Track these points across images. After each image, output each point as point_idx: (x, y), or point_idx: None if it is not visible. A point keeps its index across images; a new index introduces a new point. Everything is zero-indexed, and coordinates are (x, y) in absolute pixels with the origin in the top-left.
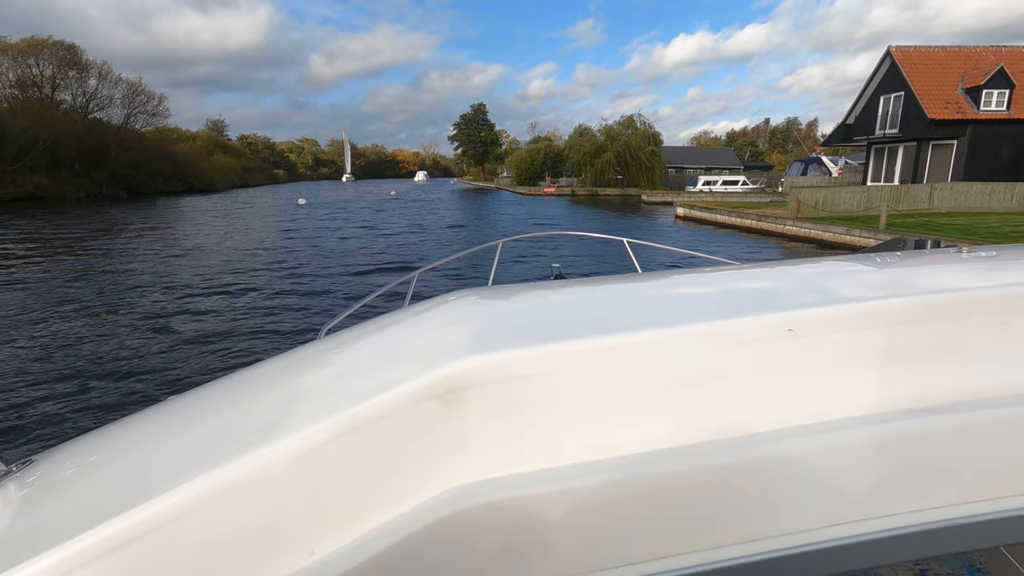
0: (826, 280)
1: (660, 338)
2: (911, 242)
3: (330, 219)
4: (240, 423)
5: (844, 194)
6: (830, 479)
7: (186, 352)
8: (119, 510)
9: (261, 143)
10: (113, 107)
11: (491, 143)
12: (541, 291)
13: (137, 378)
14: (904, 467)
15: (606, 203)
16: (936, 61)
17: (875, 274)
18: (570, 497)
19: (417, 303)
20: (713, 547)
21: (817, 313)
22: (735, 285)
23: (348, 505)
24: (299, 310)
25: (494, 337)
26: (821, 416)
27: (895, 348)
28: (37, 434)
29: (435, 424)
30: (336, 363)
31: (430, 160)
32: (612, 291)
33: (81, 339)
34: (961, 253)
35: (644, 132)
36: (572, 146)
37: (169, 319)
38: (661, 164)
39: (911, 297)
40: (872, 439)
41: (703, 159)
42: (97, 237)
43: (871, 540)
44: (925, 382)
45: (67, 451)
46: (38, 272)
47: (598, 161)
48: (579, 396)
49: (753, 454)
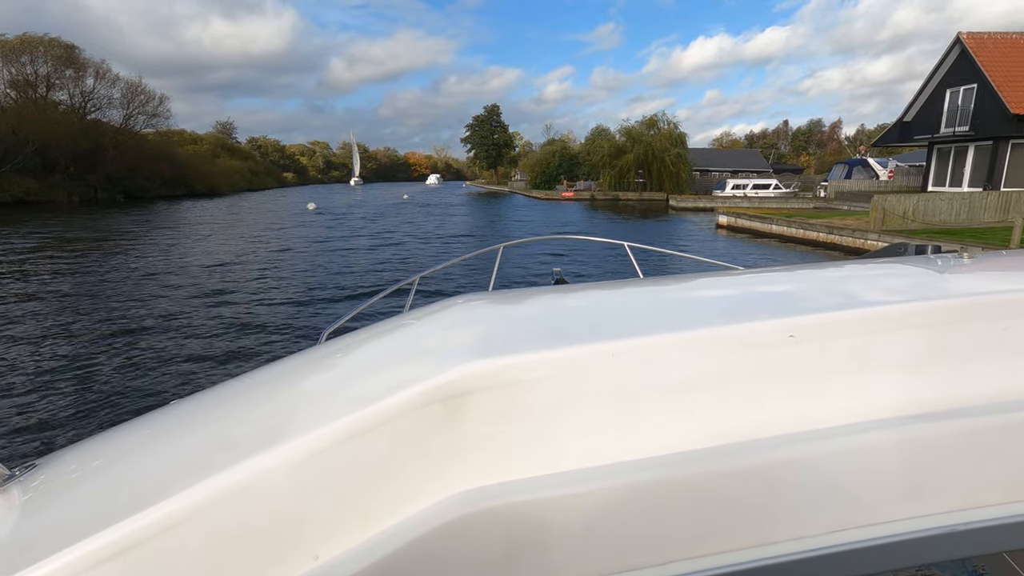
0: (828, 285)
1: (663, 342)
2: (912, 247)
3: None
4: (241, 428)
5: (939, 202)
6: (834, 485)
7: (176, 366)
8: (122, 515)
9: (271, 146)
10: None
11: (504, 145)
12: (543, 295)
13: (133, 386)
14: (908, 472)
15: (628, 208)
16: (1017, 49)
17: (877, 279)
18: (574, 503)
19: (419, 308)
20: (717, 552)
21: (819, 319)
22: (738, 290)
23: (350, 510)
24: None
25: (496, 342)
26: (824, 422)
27: (897, 353)
28: (39, 439)
29: (437, 429)
30: (337, 368)
31: (442, 163)
32: (614, 295)
33: (68, 349)
34: (963, 259)
35: (669, 133)
36: (591, 148)
37: (142, 333)
38: (687, 167)
39: (912, 303)
40: (876, 444)
41: (728, 161)
42: (66, 246)
43: (874, 546)
44: (928, 387)
45: (70, 455)
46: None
47: (618, 163)
48: (582, 401)
49: (756, 459)
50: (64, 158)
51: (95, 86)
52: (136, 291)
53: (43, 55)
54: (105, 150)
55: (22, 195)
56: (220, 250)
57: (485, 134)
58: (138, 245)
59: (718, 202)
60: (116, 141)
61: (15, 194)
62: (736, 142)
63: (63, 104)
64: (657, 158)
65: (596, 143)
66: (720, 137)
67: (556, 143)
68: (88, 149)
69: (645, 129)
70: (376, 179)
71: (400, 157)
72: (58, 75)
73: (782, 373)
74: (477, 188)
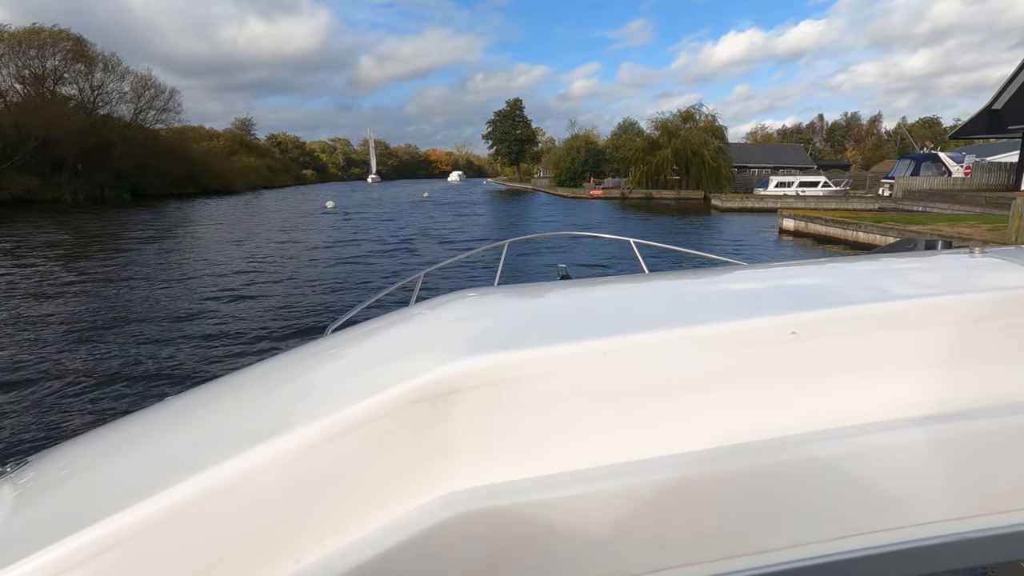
0: (834, 281)
1: (660, 340)
2: (922, 243)
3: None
4: (227, 426)
5: None
6: (840, 488)
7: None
8: (105, 513)
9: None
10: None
11: (527, 141)
12: (543, 291)
13: (133, 383)
14: (916, 476)
15: (664, 208)
16: None
17: (884, 276)
18: (566, 506)
19: (418, 303)
20: (715, 559)
21: (824, 315)
22: (741, 286)
23: (334, 512)
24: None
25: (490, 338)
26: (828, 423)
27: (906, 351)
28: (33, 437)
29: (425, 428)
30: (328, 365)
31: (463, 160)
32: (615, 292)
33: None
34: (973, 255)
35: (708, 125)
36: (621, 142)
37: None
38: (728, 163)
39: (922, 299)
40: (882, 447)
41: (766, 157)
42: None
43: (881, 553)
44: (938, 387)
45: (61, 452)
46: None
47: (652, 159)
48: (577, 400)
49: (757, 462)
50: (72, 155)
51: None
52: (121, 294)
53: (51, 48)
54: (113, 146)
55: (22, 194)
56: (207, 259)
57: (507, 129)
58: (122, 249)
59: (767, 202)
60: (125, 137)
61: (15, 192)
62: (769, 137)
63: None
64: (696, 153)
65: (625, 138)
66: (753, 131)
67: (580, 138)
68: (96, 145)
69: (680, 122)
70: (397, 176)
71: (421, 154)
72: (67, 68)
73: (784, 372)
74: (498, 185)
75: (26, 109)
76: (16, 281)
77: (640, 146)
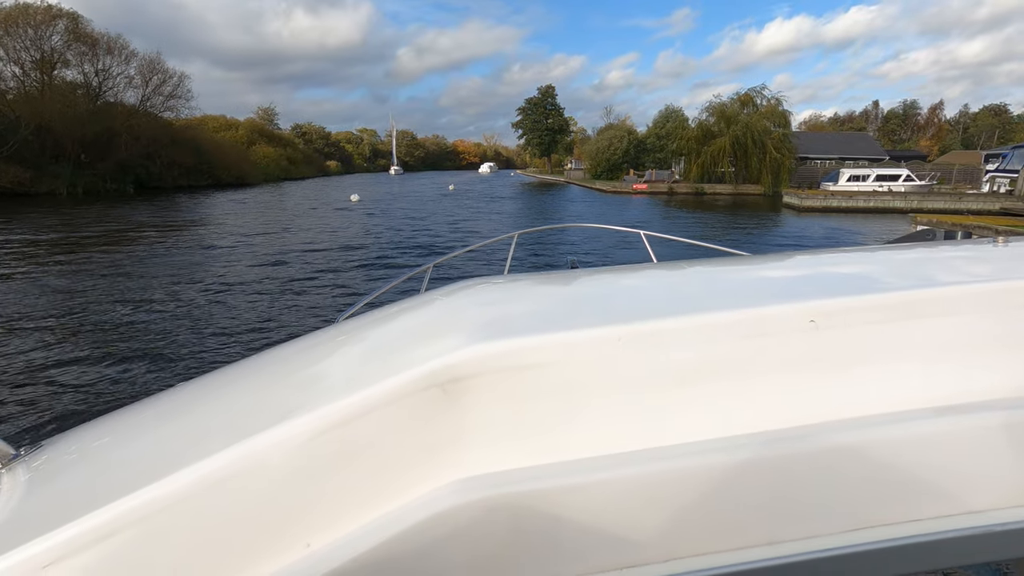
0: (852, 270)
1: (673, 328)
2: (942, 232)
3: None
4: (238, 411)
5: None
6: (856, 480)
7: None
8: (119, 494)
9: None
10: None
11: (559, 131)
12: (554, 280)
13: (149, 365)
14: (933, 469)
15: (718, 205)
16: None
17: (905, 264)
18: (578, 493)
19: (429, 291)
20: (731, 549)
21: (843, 303)
22: (757, 275)
23: (345, 496)
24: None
25: (501, 326)
26: (845, 413)
27: (927, 341)
28: (46, 420)
29: (437, 414)
30: (339, 352)
31: (491, 151)
32: (628, 280)
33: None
34: (996, 244)
35: (771, 110)
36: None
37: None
38: (792, 153)
39: (943, 287)
40: (900, 438)
41: (830, 147)
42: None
43: (897, 546)
44: (959, 378)
45: (74, 436)
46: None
47: (707, 149)
48: (589, 388)
49: (773, 451)
50: (72, 144)
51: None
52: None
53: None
54: (118, 135)
55: (9, 185)
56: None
57: (538, 118)
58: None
59: (859, 200)
60: (129, 125)
61: (2, 184)
62: (821, 125)
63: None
64: (756, 142)
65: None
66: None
67: (619, 127)
68: (98, 133)
69: (739, 107)
70: (423, 167)
71: (448, 145)
72: (67, 49)
73: (802, 361)
74: (528, 178)
75: (19, 94)
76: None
77: (693, 135)
